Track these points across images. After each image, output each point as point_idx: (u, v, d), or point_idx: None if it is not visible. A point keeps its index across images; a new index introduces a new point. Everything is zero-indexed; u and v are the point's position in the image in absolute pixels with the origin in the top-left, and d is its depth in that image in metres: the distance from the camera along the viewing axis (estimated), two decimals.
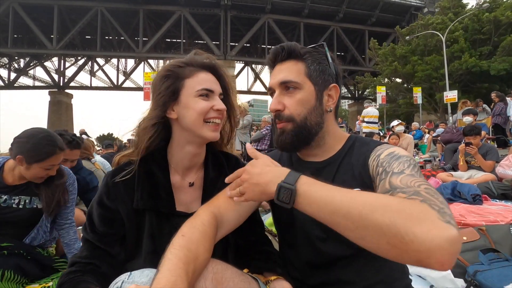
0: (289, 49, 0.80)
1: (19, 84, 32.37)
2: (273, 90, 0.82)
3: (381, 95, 13.40)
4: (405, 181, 0.59)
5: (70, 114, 33.07)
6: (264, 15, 27.78)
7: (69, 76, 32.76)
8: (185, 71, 0.83)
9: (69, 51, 28.34)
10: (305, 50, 0.81)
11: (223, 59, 27.99)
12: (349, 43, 29.50)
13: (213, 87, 0.84)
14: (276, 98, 0.79)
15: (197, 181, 0.90)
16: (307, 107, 0.78)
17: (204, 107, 0.81)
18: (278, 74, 0.80)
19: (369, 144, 0.80)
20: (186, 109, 0.81)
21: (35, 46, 27.77)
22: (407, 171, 0.62)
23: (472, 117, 5.69)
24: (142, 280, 0.62)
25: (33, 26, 24.78)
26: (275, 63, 0.83)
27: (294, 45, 0.81)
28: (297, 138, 0.79)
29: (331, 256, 0.77)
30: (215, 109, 0.82)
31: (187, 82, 0.82)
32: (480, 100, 7.77)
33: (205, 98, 0.82)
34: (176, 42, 32.60)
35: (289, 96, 0.79)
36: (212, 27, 28.81)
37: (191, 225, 0.64)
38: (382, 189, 0.61)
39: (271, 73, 0.85)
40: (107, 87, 35.48)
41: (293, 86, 0.78)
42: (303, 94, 0.78)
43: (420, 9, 29.00)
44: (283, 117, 0.79)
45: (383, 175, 0.65)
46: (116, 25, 26.32)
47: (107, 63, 34.09)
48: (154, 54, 28.71)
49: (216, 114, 0.83)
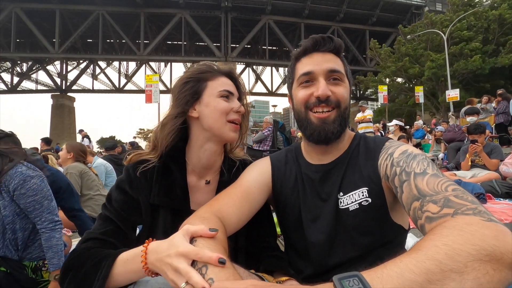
0: (337, 42, 0.80)
1: (22, 88, 32.64)
2: (314, 77, 0.78)
3: (383, 95, 13.38)
4: (431, 184, 0.58)
5: (73, 117, 33.30)
6: (264, 16, 27.85)
7: (71, 79, 33.03)
8: (207, 75, 0.88)
9: (71, 54, 28.59)
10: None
11: (224, 61, 28.10)
12: (350, 43, 29.47)
13: (233, 90, 0.89)
14: (325, 84, 0.76)
15: (213, 182, 0.91)
16: (347, 99, 0.80)
17: (226, 107, 0.85)
18: (325, 63, 0.77)
19: (376, 143, 0.80)
20: (208, 108, 0.85)
21: (38, 50, 28.02)
22: (429, 170, 0.62)
23: (476, 117, 5.67)
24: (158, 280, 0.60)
25: (35, 31, 24.98)
26: (313, 51, 0.80)
27: (341, 42, 0.81)
28: (340, 128, 0.77)
29: (337, 259, 0.77)
30: (235, 110, 0.86)
31: (209, 83, 0.87)
32: (492, 96, 7.73)
33: (226, 99, 0.86)
34: (177, 45, 32.74)
35: (334, 85, 0.77)
36: (212, 29, 28.92)
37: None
38: (410, 194, 0.60)
39: (300, 58, 0.81)
40: (109, 90, 35.68)
41: (339, 77, 0.78)
42: (345, 87, 0.80)
43: (420, 8, 28.97)
44: (332, 102, 0.76)
45: (404, 176, 0.64)
46: (117, 28, 26.49)
47: (109, 66, 34.31)
48: (156, 56, 28.89)
49: (236, 116, 0.87)
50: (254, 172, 0.86)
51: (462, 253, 0.41)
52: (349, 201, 0.76)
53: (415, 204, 0.58)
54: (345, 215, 0.76)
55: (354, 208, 0.75)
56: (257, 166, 0.89)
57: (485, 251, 0.41)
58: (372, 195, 0.74)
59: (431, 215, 0.53)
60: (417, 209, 0.57)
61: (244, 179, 0.84)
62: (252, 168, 0.88)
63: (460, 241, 0.43)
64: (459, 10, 18.63)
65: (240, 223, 0.77)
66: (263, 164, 0.90)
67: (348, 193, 0.77)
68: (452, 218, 0.49)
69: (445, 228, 0.47)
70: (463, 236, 0.44)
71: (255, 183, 0.83)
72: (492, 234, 0.43)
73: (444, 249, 0.42)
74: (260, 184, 0.84)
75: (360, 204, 0.75)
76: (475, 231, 0.44)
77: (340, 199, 0.77)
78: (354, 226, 0.75)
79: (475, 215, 0.47)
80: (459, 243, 0.43)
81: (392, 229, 0.77)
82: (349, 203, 0.76)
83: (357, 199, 0.75)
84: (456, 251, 0.42)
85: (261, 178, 0.85)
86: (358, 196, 0.75)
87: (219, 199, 0.77)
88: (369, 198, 0.74)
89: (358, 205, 0.75)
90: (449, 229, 0.46)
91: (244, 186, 0.81)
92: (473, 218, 0.47)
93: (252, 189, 0.81)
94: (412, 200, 0.59)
